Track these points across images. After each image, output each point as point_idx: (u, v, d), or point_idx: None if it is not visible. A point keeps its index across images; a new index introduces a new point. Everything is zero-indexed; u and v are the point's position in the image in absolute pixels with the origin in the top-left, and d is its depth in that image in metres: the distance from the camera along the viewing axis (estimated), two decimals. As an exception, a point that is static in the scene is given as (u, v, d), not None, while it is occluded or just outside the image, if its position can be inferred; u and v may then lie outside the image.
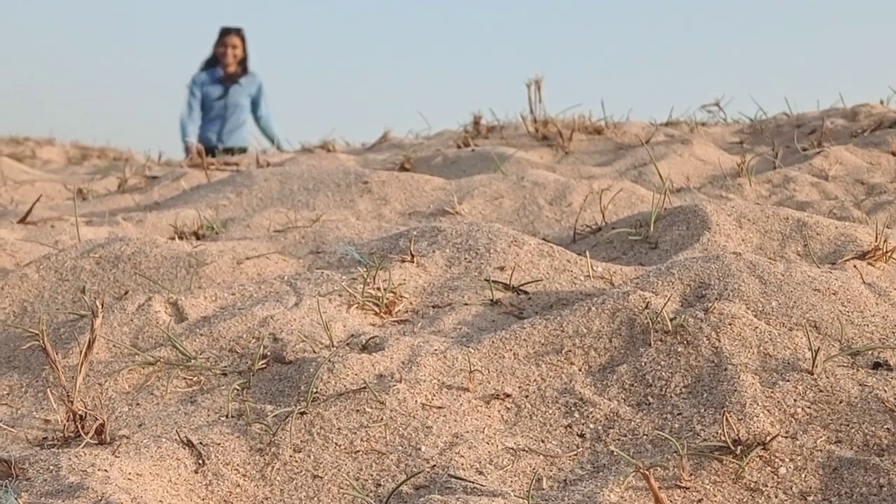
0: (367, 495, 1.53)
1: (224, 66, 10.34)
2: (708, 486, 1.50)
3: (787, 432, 1.60)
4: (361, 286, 2.21)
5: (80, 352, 1.77)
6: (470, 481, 1.51)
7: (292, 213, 3.24)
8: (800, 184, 3.43)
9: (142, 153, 10.81)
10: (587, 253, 2.44)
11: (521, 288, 2.21)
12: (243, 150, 10.03)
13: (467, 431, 1.67)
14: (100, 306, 1.76)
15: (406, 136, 5.66)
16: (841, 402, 1.66)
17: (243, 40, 10.38)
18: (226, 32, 10.41)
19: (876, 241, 2.41)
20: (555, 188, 3.36)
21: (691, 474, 1.52)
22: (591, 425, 1.69)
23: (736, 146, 4.46)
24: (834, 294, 1.97)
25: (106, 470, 1.49)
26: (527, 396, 1.77)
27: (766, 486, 1.50)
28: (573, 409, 1.73)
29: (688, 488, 1.50)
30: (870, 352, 1.78)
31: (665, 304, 1.90)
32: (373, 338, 1.93)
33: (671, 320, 1.87)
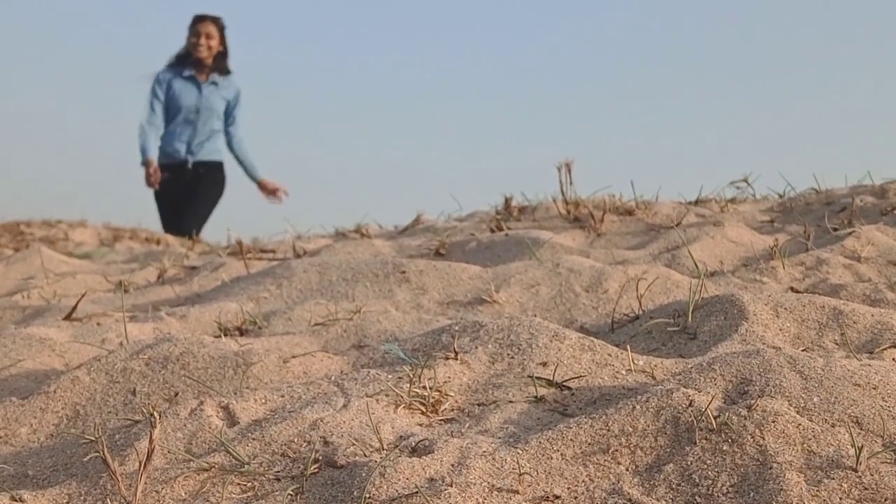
0: None
1: (197, 61, 8.78)
2: (759, 590, 1.53)
3: (834, 532, 1.63)
4: (407, 385, 2.25)
5: (139, 461, 1.83)
6: (525, 588, 1.54)
7: (332, 304, 3.29)
8: (833, 266, 3.46)
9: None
10: (628, 346, 2.48)
11: (565, 384, 2.25)
12: (218, 167, 8.97)
13: (519, 535, 1.70)
14: (157, 417, 1.82)
15: (438, 219, 5.73)
16: (886, 500, 1.68)
17: (221, 31, 8.84)
18: (199, 20, 8.80)
19: (913, 328, 2.44)
20: (590, 275, 3.40)
21: (742, 577, 1.55)
22: (641, 527, 1.72)
23: (767, 225, 4.50)
24: (874, 388, 2.00)
25: (170, 582, 1.53)
26: (576, 498, 1.81)
27: (817, 588, 1.52)
28: (622, 510, 1.76)
29: (740, 592, 1.52)
30: (913, 448, 1.81)
31: (709, 402, 1.94)
32: (422, 440, 1.97)
33: (715, 418, 1.91)
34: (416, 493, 1.78)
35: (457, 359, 2.40)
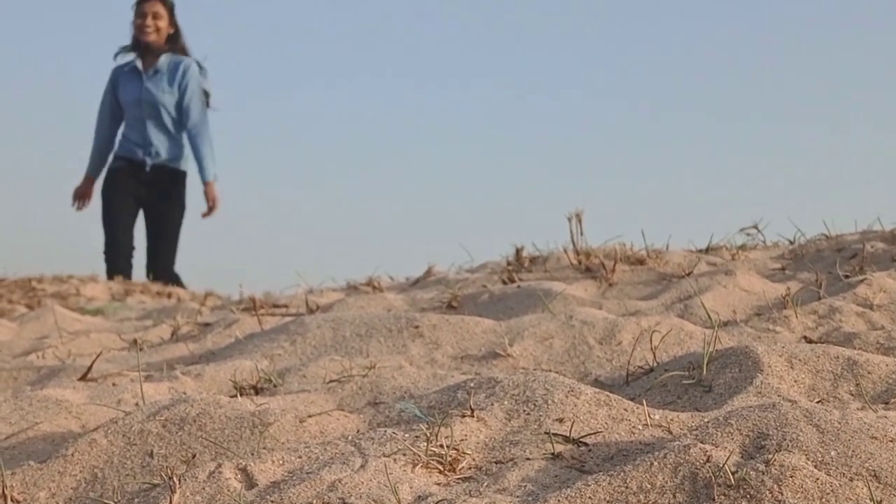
0: None
1: (144, 47, 7.70)
2: None
3: (856, 588, 1.63)
4: (424, 444, 2.26)
5: (159, 526, 1.83)
6: None
7: (347, 360, 3.30)
8: (845, 314, 3.47)
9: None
10: (643, 400, 2.49)
11: (582, 440, 2.26)
12: (178, 179, 8.03)
13: None
14: (177, 482, 1.82)
15: (450, 270, 5.75)
16: (907, 555, 1.68)
17: (170, 10, 7.75)
18: None
19: (928, 378, 2.44)
20: (604, 327, 3.41)
21: None
22: (662, 586, 1.72)
23: (778, 273, 4.51)
24: (891, 441, 2.00)
25: None
26: (596, 557, 1.81)
27: None
28: (642, 568, 1.76)
29: None
30: (932, 501, 1.81)
31: (727, 458, 1.94)
32: (440, 500, 1.98)
33: (733, 474, 1.91)
34: (436, 554, 1.78)
35: (473, 416, 2.41)
